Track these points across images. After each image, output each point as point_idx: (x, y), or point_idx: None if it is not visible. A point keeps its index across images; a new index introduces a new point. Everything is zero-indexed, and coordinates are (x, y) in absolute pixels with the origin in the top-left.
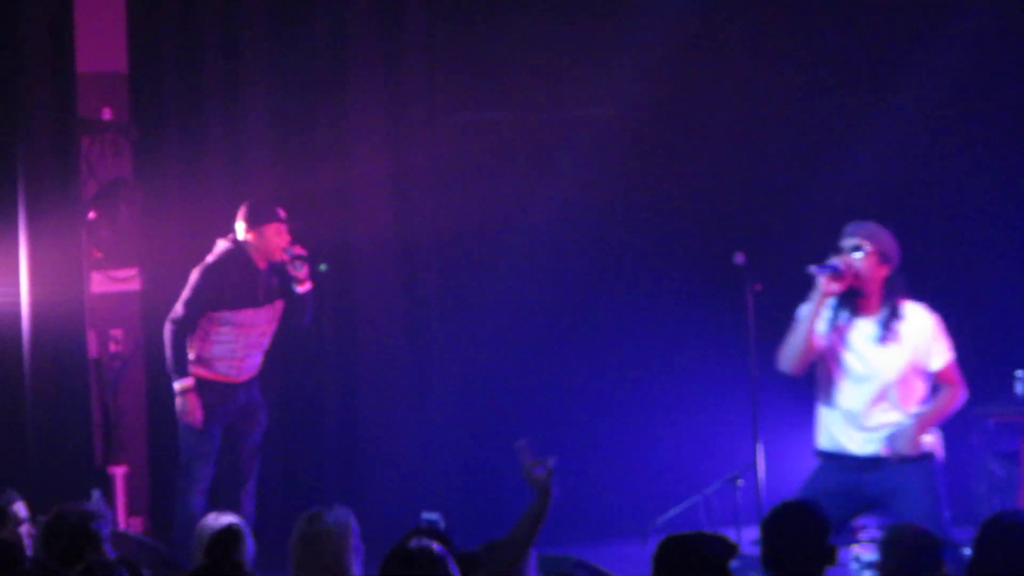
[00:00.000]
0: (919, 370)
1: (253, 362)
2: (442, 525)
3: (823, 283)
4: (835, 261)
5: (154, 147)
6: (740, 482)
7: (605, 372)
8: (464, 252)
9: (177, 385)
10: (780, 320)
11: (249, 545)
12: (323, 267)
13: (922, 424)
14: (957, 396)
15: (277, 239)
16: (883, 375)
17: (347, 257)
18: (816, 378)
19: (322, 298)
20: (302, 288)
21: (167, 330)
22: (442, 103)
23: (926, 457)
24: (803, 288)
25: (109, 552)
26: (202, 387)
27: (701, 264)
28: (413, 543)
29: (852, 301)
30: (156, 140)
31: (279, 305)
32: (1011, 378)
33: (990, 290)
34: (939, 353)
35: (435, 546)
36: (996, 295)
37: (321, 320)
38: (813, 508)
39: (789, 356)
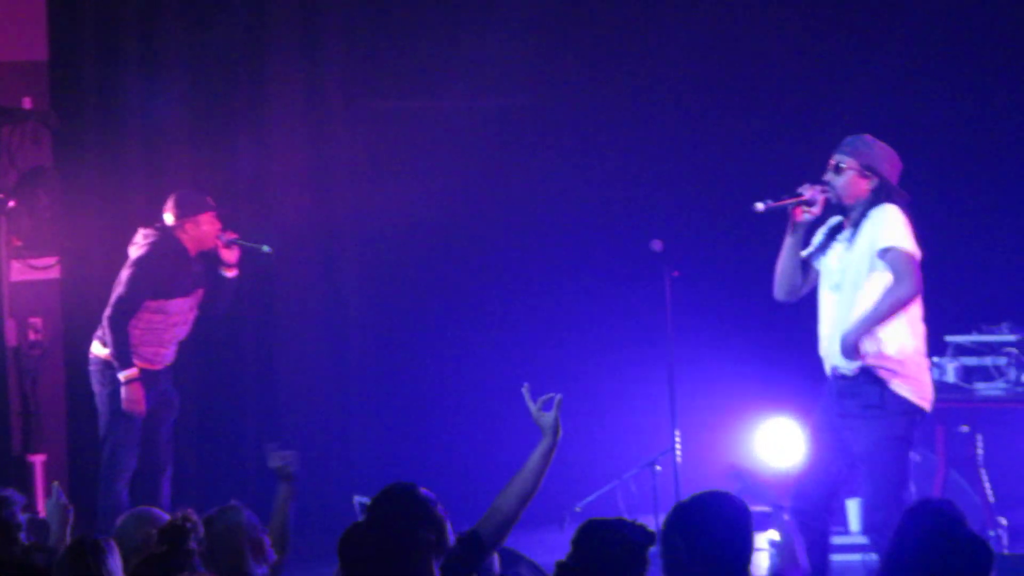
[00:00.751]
0: (884, 272)
1: (173, 349)
2: None
3: (792, 212)
4: (802, 188)
5: (74, 136)
6: (658, 467)
7: (524, 358)
8: (382, 237)
9: (122, 375)
10: (698, 306)
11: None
12: (266, 248)
13: (857, 328)
14: (895, 290)
15: (210, 227)
16: (851, 277)
17: (266, 242)
18: None
19: (241, 284)
20: (231, 273)
21: (109, 326)
22: (360, 91)
23: (888, 405)
24: (722, 273)
25: (23, 539)
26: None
27: (619, 251)
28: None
29: (841, 216)
30: (76, 129)
31: (200, 293)
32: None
33: None
34: (887, 237)
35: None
36: None
37: (241, 306)
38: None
39: (776, 284)
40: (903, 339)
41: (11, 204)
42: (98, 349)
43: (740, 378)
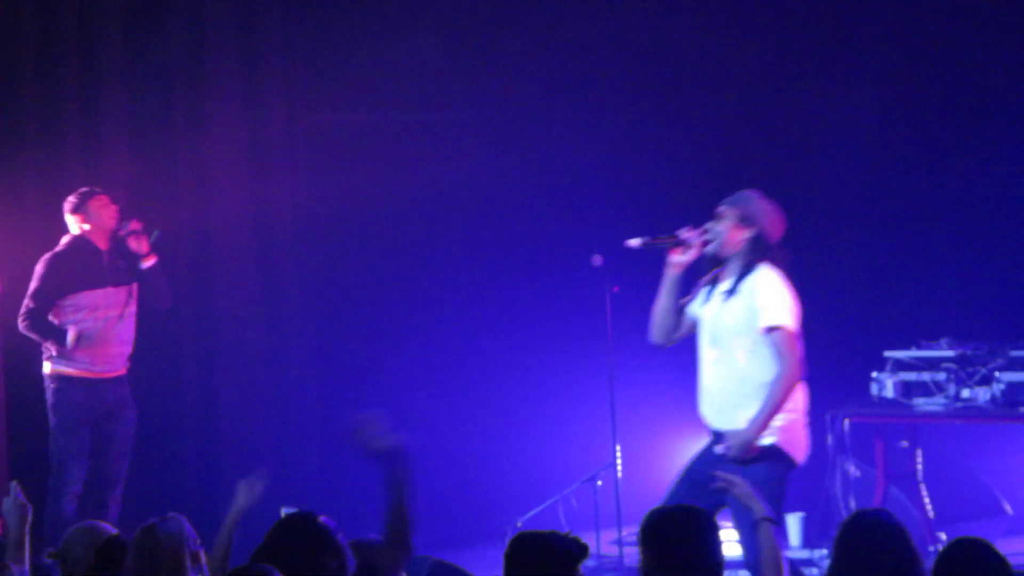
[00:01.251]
0: (759, 335)
1: (114, 354)
2: None
3: (670, 254)
4: (681, 231)
5: (11, 147)
6: (599, 482)
7: (463, 372)
8: (321, 249)
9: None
10: (638, 321)
11: None
12: (155, 234)
13: (754, 428)
14: (781, 378)
15: (104, 211)
16: (724, 333)
17: (207, 254)
18: None
19: (181, 293)
20: (147, 262)
21: (23, 327)
22: (300, 105)
23: (768, 455)
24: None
25: None
26: (66, 384)
27: (559, 266)
28: (293, 512)
29: (718, 267)
30: (13, 140)
31: (133, 289)
32: (867, 379)
33: (846, 290)
34: (766, 314)
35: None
36: (852, 296)
37: (180, 315)
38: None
39: (653, 328)
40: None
41: None
42: (45, 367)
43: (680, 393)
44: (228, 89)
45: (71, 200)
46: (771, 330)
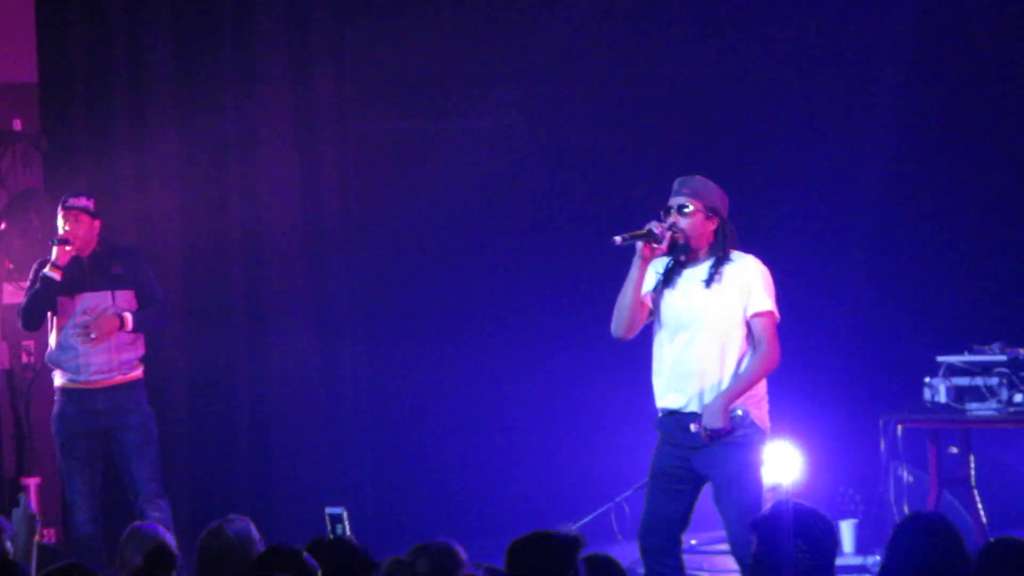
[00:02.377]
0: (743, 320)
1: (102, 362)
2: (346, 519)
3: (641, 248)
4: (651, 225)
5: (64, 158)
6: None
7: (514, 376)
8: (371, 253)
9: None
10: None
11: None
12: (54, 242)
13: (729, 395)
14: (766, 358)
15: (70, 225)
16: (707, 316)
17: (256, 263)
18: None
19: (231, 297)
20: (53, 274)
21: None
22: (349, 110)
23: (744, 430)
24: None
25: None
26: (61, 396)
27: (617, 269)
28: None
29: (683, 257)
30: (66, 151)
31: (120, 296)
32: (920, 384)
33: (899, 296)
34: (758, 300)
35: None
36: (905, 301)
37: (231, 318)
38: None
39: (615, 321)
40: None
41: (2, 226)
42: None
43: None
44: (278, 95)
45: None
46: (762, 315)
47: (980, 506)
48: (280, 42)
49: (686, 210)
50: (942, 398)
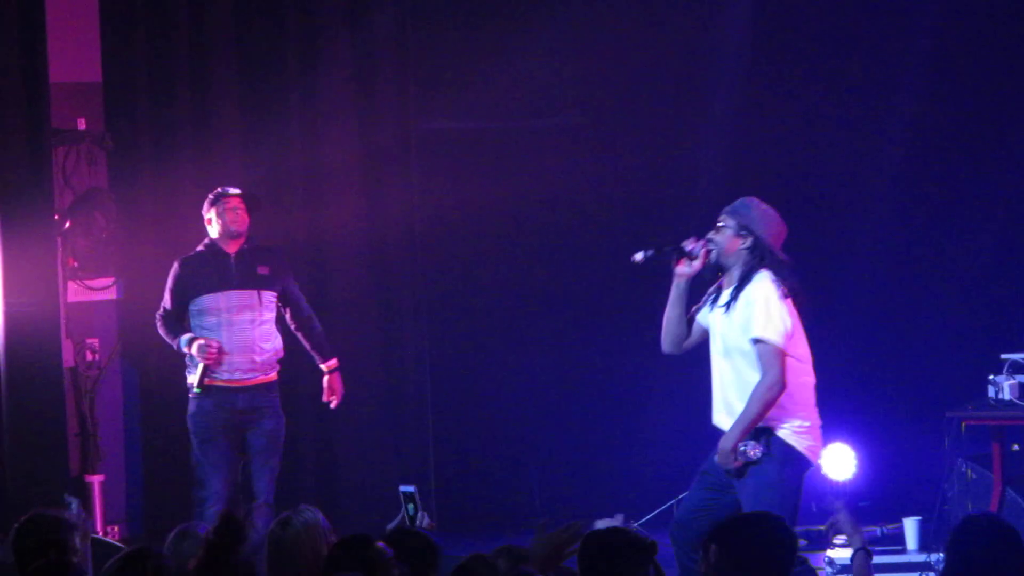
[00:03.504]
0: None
1: (244, 361)
2: (417, 497)
3: (674, 265)
4: (686, 242)
5: (128, 157)
6: None
7: (585, 369)
8: (436, 258)
9: (184, 349)
10: None
11: None
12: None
13: (733, 437)
14: (760, 388)
15: (228, 215)
16: (726, 340)
17: (321, 263)
18: None
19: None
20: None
21: (157, 326)
22: (413, 111)
23: (766, 458)
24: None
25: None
26: (198, 393)
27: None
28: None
29: (720, 273)
30: (130, 150)
31: (264, 295)
32: (984, 382)
33: (963, 293)
34: (758, 327)
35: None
36: (969, 298)
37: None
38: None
39: (663, 337)
40: (783, 409)
41: (67, 225)
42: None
43: None
44: (342, 95)
45: (208, 199)
46: (756, 342)
47: None
48: (344, 41)
49: (719, 225)
50: (1006, 395)
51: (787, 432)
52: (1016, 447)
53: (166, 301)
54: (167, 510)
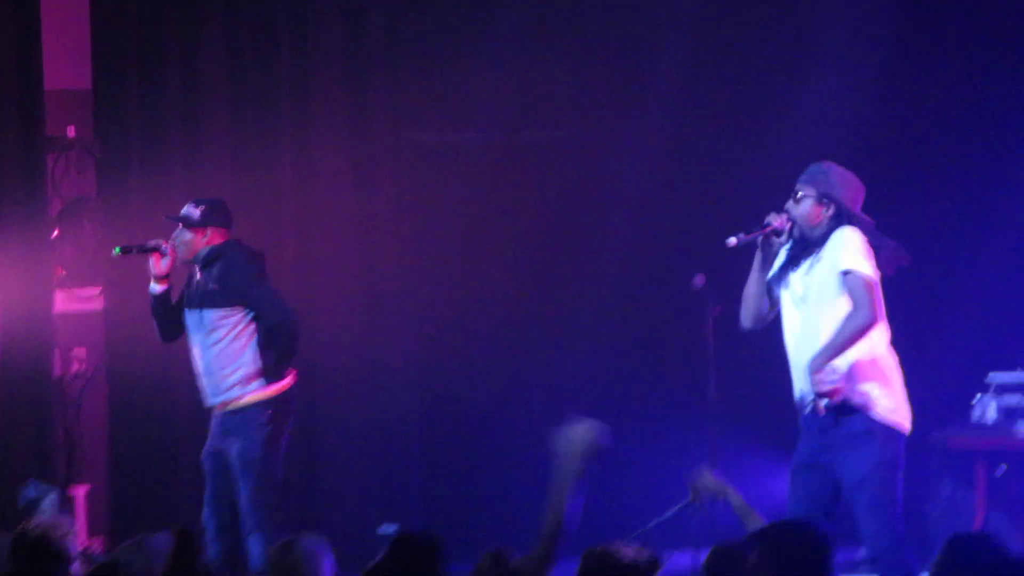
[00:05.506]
0: (843, 295)
1: (207, 385)
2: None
3: (760, 241)
4: (769, 218)
5: (117, 165)
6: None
7: (563, 391)
8: (423, 270)
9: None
10: (740, 343)
11: None
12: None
13: (823, 355)
14: (855, 316)
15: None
16: (812, 299)
17: (310, 275)
18: None
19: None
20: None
21: None
22: (404, 121)
23: (868, 436)
24: None
25: (75, 570)
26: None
27: (661, 286)
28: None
29: (801, 244)
30: (119, 158)
31: (209, 316)
32: (968, 403)
33: (949, 312)
34: (845, 260)
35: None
36: (955, 318)
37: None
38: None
39: (743, 312)
40: (871, 367)
41: (55, 233)
42: None
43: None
44: (333, 106)
45: None
46: (846, 273)
47: None
48: (335, 51)
49: (798, 196)
50: (991, 416)
51: (884, 408)
52: (1005, 467)
53: None
54: (151, 522)
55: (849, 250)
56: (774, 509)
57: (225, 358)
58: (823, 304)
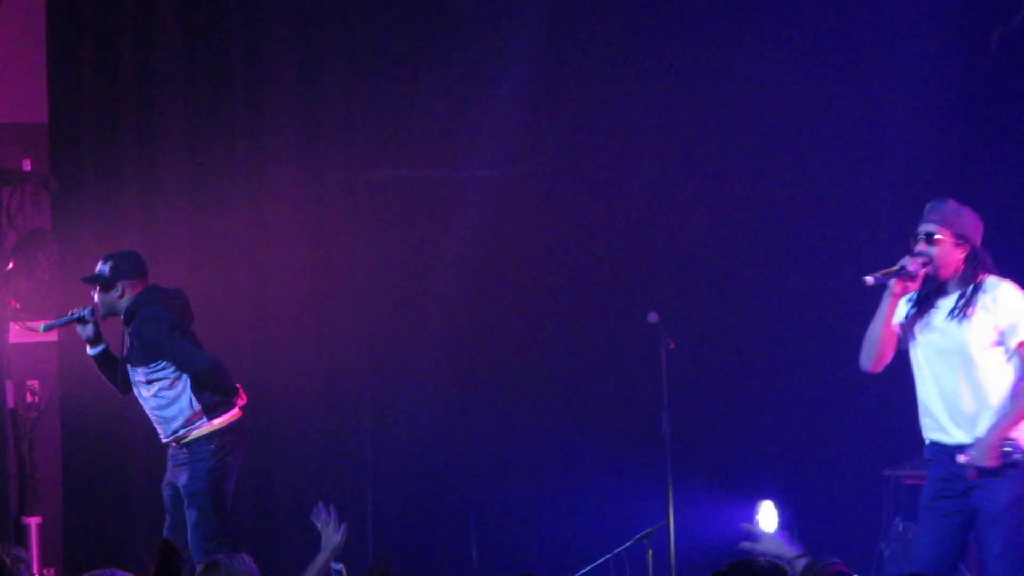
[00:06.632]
0: (997, 349)
1: (157, 426)
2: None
3: (893, 285)
4: (904, 262)
5: (72, 198)
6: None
7: (517, 428)
8: (378, 307)
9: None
10: (694, 378)
11: None
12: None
13: (999, 431)
14: None
15: None
16: (964, 349)
17: (263, 309)
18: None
19: (239, 352)
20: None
21: None
22: (359, 161)
23: (1013, 468)
24: (718, 346)
25: None
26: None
27: (615, 322)
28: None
29: (933, 286)
30: (74, 192)
31: (132, 371)
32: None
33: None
34: (1021, 330)
35: None
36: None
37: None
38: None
39: (865, 355)
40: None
41: (10, 266)
42: None
43: (734, 453)
44: (288, 143)
45: None
46: (1022, 345)
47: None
48: (290, 89)
49: (934, 238)
50: None
51: None
52: None
53: None
54: (103, 553)
55: (1021, 316)
56: (728, 542)
57: (165, 404)
58: (979, 356)
